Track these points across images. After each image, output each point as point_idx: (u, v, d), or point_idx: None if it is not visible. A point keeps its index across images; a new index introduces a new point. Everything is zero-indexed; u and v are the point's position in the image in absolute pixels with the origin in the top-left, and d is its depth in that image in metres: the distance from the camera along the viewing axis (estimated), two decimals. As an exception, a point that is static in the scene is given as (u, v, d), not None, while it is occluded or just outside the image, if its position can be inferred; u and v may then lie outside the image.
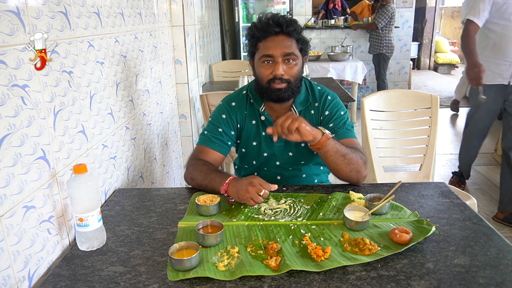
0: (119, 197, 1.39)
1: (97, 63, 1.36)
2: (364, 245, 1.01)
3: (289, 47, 1.34)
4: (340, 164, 1.32)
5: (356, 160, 1.33)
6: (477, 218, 1.16)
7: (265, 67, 1.37)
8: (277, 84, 1.36)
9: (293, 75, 1.37)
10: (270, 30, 1.34)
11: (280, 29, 1.34)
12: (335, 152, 1.30)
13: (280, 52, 1.33)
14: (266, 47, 1.35)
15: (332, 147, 1.29)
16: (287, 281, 0.91)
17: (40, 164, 1.01)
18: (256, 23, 1.38)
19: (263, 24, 1.35)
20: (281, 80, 1.35)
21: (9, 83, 0.89)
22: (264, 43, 1.36)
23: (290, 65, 1.36)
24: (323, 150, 1.29)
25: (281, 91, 1.37)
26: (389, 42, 5.09)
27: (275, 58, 1.34)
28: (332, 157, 1.30)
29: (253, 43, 1.39)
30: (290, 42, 1.35)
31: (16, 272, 0.91)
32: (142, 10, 1.86)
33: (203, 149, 1.45)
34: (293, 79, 1.37)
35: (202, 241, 1.04)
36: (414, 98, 2.05)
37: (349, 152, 1.32)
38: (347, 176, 1.37)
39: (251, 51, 1.42)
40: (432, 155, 2.00)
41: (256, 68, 1.41)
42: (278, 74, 1.34)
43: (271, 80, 1.36)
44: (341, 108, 1.48)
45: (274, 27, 1.34)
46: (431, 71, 8.92)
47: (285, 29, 1.34)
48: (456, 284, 0.89)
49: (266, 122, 1.48)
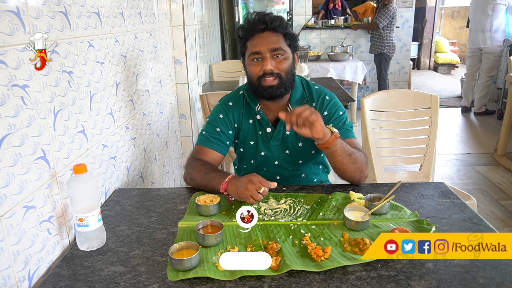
0: (119, 197, 1.39)
1: (97, 63, 1.36)
2: (364, 245, 1.01)
3: (276, 42, 1.35)
4: (346, 164, 1.32)
5: (360, 160, 1.34)
6: (477, 218, 1.16)
7: (254, 65, 1.38)
8: (268, 80, 1.36)
9: (283, 70, 1.37)
10: (255, 28, 1.36)
11: (265, 26, 1.35)
12: (343, 151, 1.30)
13: (267, 48, 1.34)
14: (253, 45, 1.37)
15: (340, 147, 1.29)
16: (287, 281, 0.91)
17: (40, 164, 1.01)
18: (243, 24, 1.41)
19: (249, 23, 1.38)
20: (272, 75, 1.35)
21: (9, 83, 0.90)
22: (251, 41, 1.38)
23: (279, 60, 1.37)
24: (331, 149, 1.28)
25: (273, 88, 1.37)
26: (391, 42, 5.10)
27: (263, 54, 1.35)
28: (339, 156, 1.30)
29: (242, 43, 1.41)
30: (277, 38, 1.36)
31: (16, 272, 0.91)
32: (142, 10, 1.86)
33: (202, 149, 1.45)
34: (284, 74, 1.37)
35: (202, 241, 1.04)
36: (414, 98, 2.05)
37: (354, 152, 1.33)
38: (351, 176, 1.37)
39: (241, 51, 1.44)
40: (432, 155, 2.00)
41: (247, 67, 1.42)
42: (267, 69, 1.34)
43: (261, 77, 1.36)
44: (339, 108, 1.48)
45: (259, 24, 1.35)
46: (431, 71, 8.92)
47: (270, 25, 1.35)
48: (456, 284, 0.89)
49: (262, 121, 1.48)
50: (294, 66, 1.43)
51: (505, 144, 3.73)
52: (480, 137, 4.46)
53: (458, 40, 9.35)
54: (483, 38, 4.78)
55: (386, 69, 5.26)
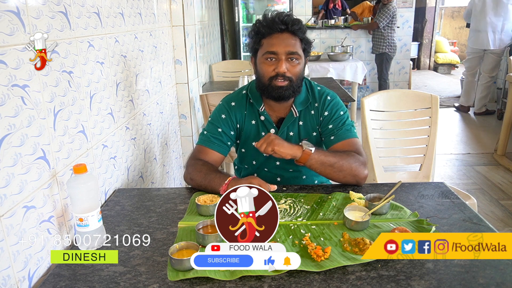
0: (119, 197, 1.39)
1: (97, 63, 1.36)
2: (364, 245, 1.01)
3: (293, 45, 1.34)
4: (329, 174, 1.35)
5: (348, 166, 1.33)
6: (477, 218, 1.16)
7: (268, 64, 1.37)
8: (279, 81, 1.35)
9: (296, 74, 1.37)
10: (275, 27, 1.34)
11: (286, 27, 1.34)
12: (321, 164, 1.33)
13: (284, 50, 1.34)
14: (270, 44, 1.35)
15: (316, 161, 1.32)
16: (287, 281, 0.91)
17: (40, 164, 1.01)
18: (261, 19, 1.38)
19: (269, 21, 1.35)
20: (284, 78, 1.35)
21: (9, 83, 0.89)
22: (268, 39, 1.36)
23: (293, 64, 1.36)
24: (307, 164, 1.34)
25: (283, 89, 1.36)
26: (392, 42, 5.11)
27: (279, 55, 1.34)
28: (318, 169, 1.34)
29: (257, 40, 1.39)
30: (295, 41, 1.35)
31: (16, 272, 0.91)
32: (142, 10, 1.86)
33: (203, 149, 1.45)
34: (295, 78, 1.38)
35: (202, 241, 1.04)
36: (414, 98, 2.05)
37: (338, 160, 1.33)
38: (344, 181, 1.38)
39: (254, 47, 1.41)
40: (432, 155, 2.00)
41: (258, 65, 1.40)
42: (281, 71, 1.34)
43: (273, 77, 1.36)
44: (340, 108, 1.47)
45: (279, 25, 1.34)
46: (431, 71, 8.92)
47: (291, 27, 1.34)
48: (456, 284, 0.89)
49: (266, 122, 1.48)
50: (304, 71, 1.44)
51: (505, 144, 3.72)
52: (480, 137, 4.46)
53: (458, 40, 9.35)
54: (492, 39, 4.74)
55: (387, 69, 5.27)
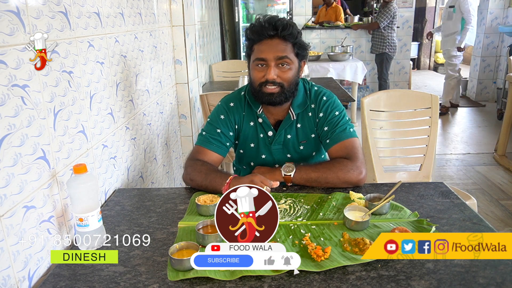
0: (119, 197, 1.39)
1: (97, 63, 1.36)
2: (364, 245, 1.01)
3: (283, 51, 1.33)
4: (319, 186, 1.37)
5: (333, 176, 1.34)
6: (477, 218, 1.16)
7: (258, 70, 1.37)
8: (269, 88, 1.35)
9: (286, 80, 1.36)
10: (264, 33, 1.33)
11: (275, 33, 1.32)
12: (306, 181, 1.37)
13: (273, 56, 1.32)
14: (260, 50, 1.34)
15: (300, 180, 1.37)
16: (287, 281, 0.91)
17: (40, 164, 1.01)
18: (252, 25, 1.38)
19: (258, 26, 1.34)
20: (274, 84, 1.35)
21: (9, 83, 0.89)
22: (258, 45, 1.35)
23: (284, 69, 1.35)
24: (294, 183, 1.38)
25: (273, 96, 1.36)
26: (392, 42, 5.11)
27: (268, 61, 1.33)
28: (305, 184, 1.38)
29: (249, 45, 1.39)
30: (285, 46, 1.34)
31: (16, 272, 0.91)
32: (142, 10, 1.86)
33: (201, 150, 1.45)
34: (287, 84, 1.36)
35: (202, 241, 1.04)
36: (414, 98, 2.05)
37: (321, 174, 1.35)
38: (338, 187, 1.37)
39: (248, 52, 1.42)
40: (432, 155, 2.00)
41: (251, 70, 1.41)
42: (270, 78, 1.34)
43: (262, 84, 1.36)
44: (336, 108, 1.46)
45: (269, 30, 1.32)
46: (431, 71, 8.92)
47: (280, 33, 1.32)
48: (456, 284, 0.89)
49: (263, 124, 1.48)
50: (298, 75, 1.42)
51: (505, 144, 3.73)
52: (480, 137, 4.46)
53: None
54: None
55: (387, 69, 5.27)
